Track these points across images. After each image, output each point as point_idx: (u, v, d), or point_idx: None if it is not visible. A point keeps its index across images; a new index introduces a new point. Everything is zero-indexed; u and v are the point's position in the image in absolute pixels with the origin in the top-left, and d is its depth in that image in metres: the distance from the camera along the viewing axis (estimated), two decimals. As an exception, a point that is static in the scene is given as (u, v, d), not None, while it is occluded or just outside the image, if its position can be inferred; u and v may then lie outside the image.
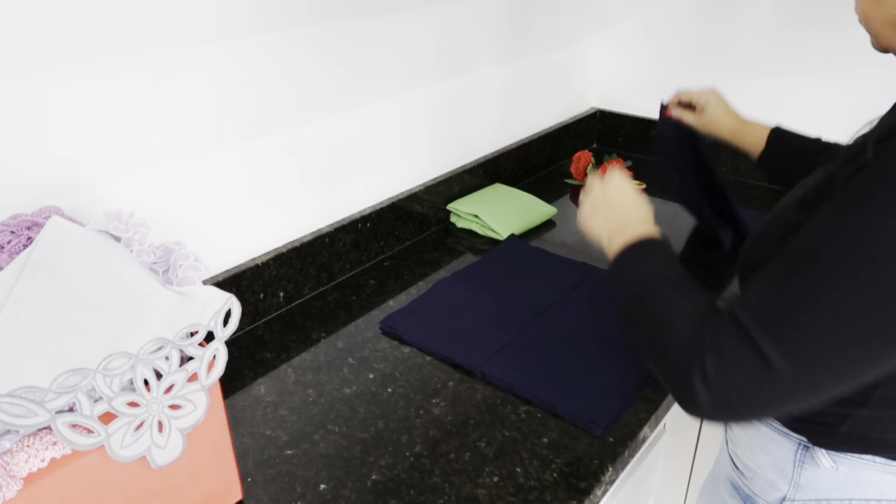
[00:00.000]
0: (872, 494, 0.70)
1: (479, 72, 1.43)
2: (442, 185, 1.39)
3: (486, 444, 0.84)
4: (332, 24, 1.08)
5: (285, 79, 1.04)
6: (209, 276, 1.01)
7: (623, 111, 1.80)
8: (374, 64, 1.18)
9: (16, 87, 0.76)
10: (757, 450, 0.78)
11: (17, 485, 0.56)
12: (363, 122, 1.20)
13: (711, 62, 1.59)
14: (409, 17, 1.21)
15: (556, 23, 1.60)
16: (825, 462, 0.71)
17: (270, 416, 0.89)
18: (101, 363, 0.60)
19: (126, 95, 0.85)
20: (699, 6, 1.58)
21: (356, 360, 1.00)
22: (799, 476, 0.73)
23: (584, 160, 1.61)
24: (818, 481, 0.72)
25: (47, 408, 0.57)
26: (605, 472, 0.80)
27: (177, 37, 0.88)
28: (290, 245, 1.12)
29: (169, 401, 0.63)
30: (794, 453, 0.73)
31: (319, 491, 0.78)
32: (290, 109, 1.06)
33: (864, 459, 0.70)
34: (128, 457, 0.61)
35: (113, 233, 0.72)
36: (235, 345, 1.04)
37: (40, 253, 0.65)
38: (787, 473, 0.74)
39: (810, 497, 0.73)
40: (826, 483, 0.72)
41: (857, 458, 0.70)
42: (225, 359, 0.66)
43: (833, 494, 0.72)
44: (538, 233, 1.38)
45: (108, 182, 0.87)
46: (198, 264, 0.71)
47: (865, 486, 0.70)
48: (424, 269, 1.24)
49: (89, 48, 0.80)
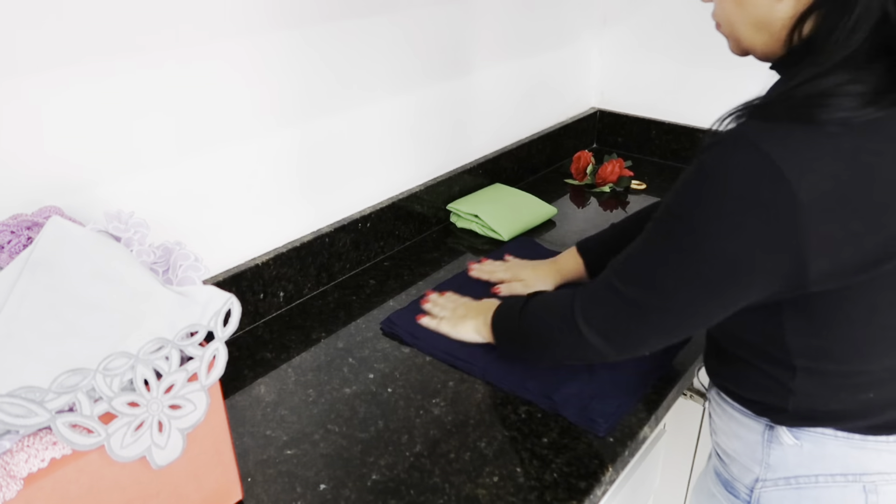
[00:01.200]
0: (838, 469, 0.72)
1: (480, 72, 1.43)
2: (442, 185, 1.39)
3: (486, 444, 0.84)
4: (333, 23, 1.08)
5: (286, 78, 1.04)
6: (209, 276, 1.00)
7: (623, 111, 1.80)
8: (374, 64, 1.18)
9: (16, 87, 0.76)
10: (731, 435, 0.81)
11: (17, 485, 0.56)
12: (363, 121, 1.20)
13: (711, 62, 1.60)
14: (410, 17, 1.21)
15: (556, 23, 1.60)
16: (788, 439, 0.74)
17: (270, 416, 0.89)
18: (101, 363, 0.60)
19: (126, 95, 0.85)
20: (699, 6, 1.57)
21: (356, 360, 1.00)
22: (768, 456, 0.76)
23: (584, 160, 1.61)
24: (785, 459, 0.75)
25: (47, 408, 0.57)
26: (605, 472, 0.80)
27: (177, 37, 0.88)
28: (290, 245, 1.12)
29: (169, 401, 0.63)
30: (762, 434, 0.76)
31: (319, 491, 0.78)
32: (289, 109, 1.06)
33: (825, 434, 0.72)
34: (128, 457, 0.61)
35: (113, 233, 0.72)
36: (235, 345, 1.04)
37: (40, 253, 0.65)
38: (757, 455, 0.77)
39: (780, 475, 0.76)
40: (793, 460, 0.74)
41: (819, 434, 0.72)
42: (225, 359, 0.66)
43: (800, 471, 0.74)
44: (538, 233, 1.38)
45: (107, 182, 0.87)
46: (198, 264, 0.71)
47: (831, 461, 0.73)
48: (424, 269, 1.24)
49: (89, 48, 0.80)
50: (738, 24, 0.68)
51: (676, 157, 1.73)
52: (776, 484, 0.76)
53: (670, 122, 1.71)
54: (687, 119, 1.69)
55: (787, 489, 0.75)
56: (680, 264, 0.66)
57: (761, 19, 0.65)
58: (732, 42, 0.72)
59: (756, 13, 0.65)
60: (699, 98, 1.65)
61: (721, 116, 0.67)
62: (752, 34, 0.67)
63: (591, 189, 1.60)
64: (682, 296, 0.68)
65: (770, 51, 0.68)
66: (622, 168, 1.58)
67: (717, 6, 0.70)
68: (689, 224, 0.64)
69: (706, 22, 1.64)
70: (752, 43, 0.69)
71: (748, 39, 0.69)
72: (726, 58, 0.82)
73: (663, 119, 1.72)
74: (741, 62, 1.68)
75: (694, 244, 0.64)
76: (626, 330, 0.74)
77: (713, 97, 1.63)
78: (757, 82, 0.82)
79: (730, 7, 0.68)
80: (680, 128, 1.69)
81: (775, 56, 0.68)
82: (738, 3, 0.66)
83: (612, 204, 1.52)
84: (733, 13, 0.68)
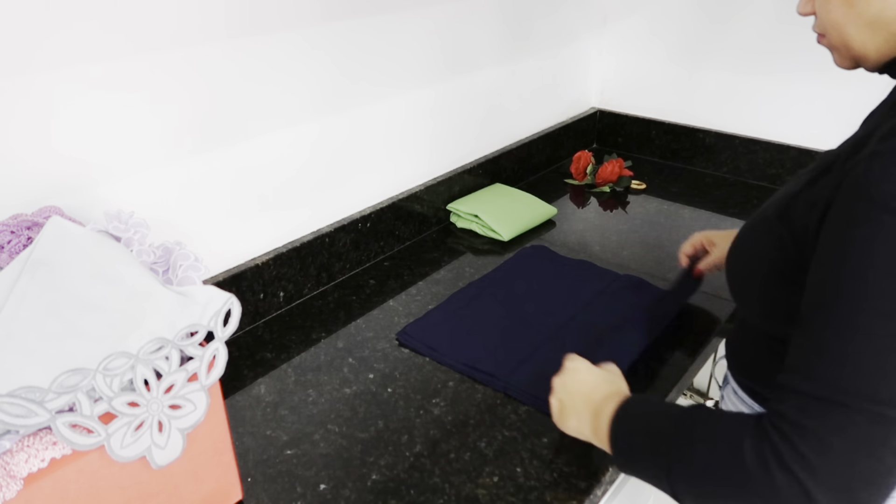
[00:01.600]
0: None
1: (480, 72, 1.43)
2: (442, 185, 1.39)
3: (486, 444, 0.84)
4: (333, 24, 1.08)
5: (286, 79, 1.04)
6: (209, 276, 1.00)
7: (623, 111, 1.80)
8: (375, 64, 1.18)
9: (17, 87, 0.76)
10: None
11: (17, 485, 0.56)
12: (363, 121, 1.20)
13: (711, 62, 1.60)
14: (410, 18, 1.21)
15: (556, 23, 1.60)
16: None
17: (270, 416, 0.89)
18: (101, 363, 0.60)
19: (126, 95, 0.85)
20: (699, 6, 1.58)
21: (356, 360, 1.00)
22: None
23: (584, 160, 1.61)
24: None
25: (47, 408, 0.57)
26: (605, 472, 0.80)
27: (177, 37, 0.88)
28: (290, 245, 1.12)
29: (169, 401, 0.63)
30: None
31: (319, 491, 0.78)
32: (290, 109, 1.06)
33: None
34: (128, 457, 0.61)
35: (113, 233, 0.72)
36: (235, 345, 1.04)
37: (40, 253, 0.65)
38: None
39: None
40: None
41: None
42: (225, 359, 0.66)
43: None
44: (538, 233, 1.38)
45: (108, 182, 0.87)
46: (198, 264, 0.71)
47: None
48: (424, 269, 1.24)
49: (90, 48, 0.80)
50: (848, 27, 0.62)
51: (676, 157, 1.73)
52: None
53: (670, 122, 1.71)
54: (687, 119, 1.69)
55: None
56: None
57: (875, 17, 0.60)
58: (840, 52, 0.65)
59: (869, 10, 0.60)
60: (699, 98, 1.65)
61: (853, 142, 0.60)
62: (865, 37, 0.61)
63: (591, 189, 1.60)
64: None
65: (886, 53, 0.62)
66: (622, 168, 1.58)
67: (822, 12, 0.64)
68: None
69: (706, 22, 1.64)
70: (865, 47, 0.62)
71: (860, 44, 0.62)
72: (727, 58, 0.82)
73: (663, 119, 1.72)
74: (741, 62, 1.68)
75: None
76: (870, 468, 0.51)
77: (713, 97, 1.63)
78: (757, 82, 0.82)
79: (838, 10, 0.62)
80: (680, 128, 1.69)
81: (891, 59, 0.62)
82: (848, 4, 0.61)
83: (612, 204, 1.52)
84: (843, 16, 0.62)
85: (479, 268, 1.25)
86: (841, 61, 0.66)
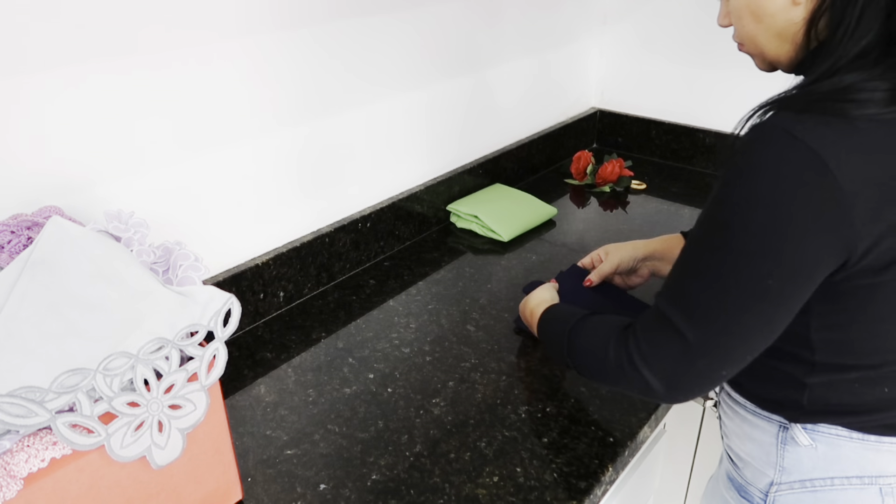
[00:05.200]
0: (854, 471, 0.72)
1: (479, 72, 1.43)
2: (442, 185, 1.39)
3: (486, 444, 0.84)
4: (332, 24, 1.08)
5: (285, 79, 1.04)
6: (209, 276, 1.01)
7: (623, 111, 1.80)
8: (374, 64, 1.18)
9: (16, 87, 0.76)
10: (744, 438, 0.80)
11: (17, 485, 0.56)
12: (363, 121, 1.20)
13: (711, 62, 1.60)
14: (409, 17, 1.21)
15: (556, 22, 1.60)
16: (803, 439, 0.73)
17: (270, 416, 0.89)
18: (101, 363, 0.60)
19: (126, 95, 0.85)
20: (699, 6, 1.58)
21: (356, 360, 1.00)
22: (782, 459, 0.75)
23: (584, 160, 1.61)
24: (800, 462, 0.74)
25: (47, 408, 0.57)
26: (605, 472, 0.80)
27: (177, 37, 0.88)
28: (290, 245, 1.12)
29: (169, 401, 0.63)
30: (776, 436, 0.76)
31: (319, 491, 0.78)
32: (290, 109, 1.06)
33: (840, 436, 0.72)
34: (128, 457, 0.61)
35: (113, 233, 0.72)
36: (235, 345, 1.04)
37: (40, 253, 0.65)
38: (771, 458, 0.77)
39: (795, 479, 0.75)
40: (808, 463, 0.74)
41: (834, 436, 0.72)
42: (225, 359, 0.66)
43: (816, 474, 0.74)
44: (538, 233, 1.38)
45: (107, 182, 0.87)
46: (198, 264, 0.71)
47: (846, 463, 0.72)
48: (424, 269, 1.24)
49: (89, 47, 0.80)
50: (760, 38, 0.70)
51: (676, 157, 1.73)
52: (791, 487, 0.75)
53: (670, 122, 1.71)
54: (687, 119, 1.69)
55: (802, 492, 0.74)
56: (738, 276, 0.62)
57: (781, 29, 0.67)
58: (758, 58, 0.74)
59: (775, 24, 0.67)
60: (699, 98, 1.65)
61: (745, 116, 0.67)
62: (775, 46, 0.69)
63: (591, 189, 1.60)
64: (748, 310, 0.63)
65: (794, 58, 0.69)
66: (622, 168, 1.58)
67: (737, 27, 0.72)
68: (742, 229, 0.61)
69: (706, 21, 1.64)
70: (777, 55, 0.70)
71: (773, 52, 0.70)
72: (727, 57, 0.82)
73: (663, 119, 1.72)
74: (741, 62, 1.68)
75: (753, 249, 0.61)
76: (688, 368, 0.67)
77: (713, 97, 1.63)
78: (757, 82, 0.82)
79: (749, 25, 0.70)
80: (680, 128, 1.69)
81: (799, 62, 0.70)
82: (757, 19, 0.68)
83: (612, 204, 1.52)
84: (754, 30, 0.70)
85: (479, 268, 1.25)
86: (760, 65, 0.75)
